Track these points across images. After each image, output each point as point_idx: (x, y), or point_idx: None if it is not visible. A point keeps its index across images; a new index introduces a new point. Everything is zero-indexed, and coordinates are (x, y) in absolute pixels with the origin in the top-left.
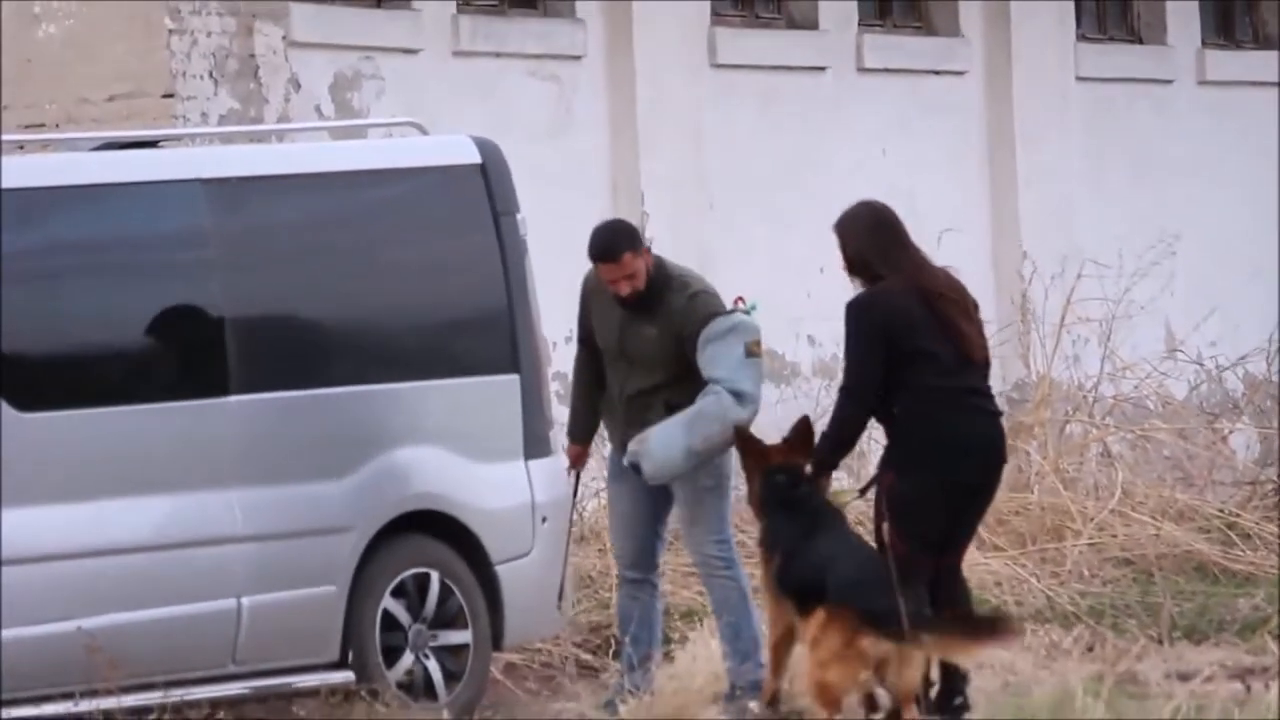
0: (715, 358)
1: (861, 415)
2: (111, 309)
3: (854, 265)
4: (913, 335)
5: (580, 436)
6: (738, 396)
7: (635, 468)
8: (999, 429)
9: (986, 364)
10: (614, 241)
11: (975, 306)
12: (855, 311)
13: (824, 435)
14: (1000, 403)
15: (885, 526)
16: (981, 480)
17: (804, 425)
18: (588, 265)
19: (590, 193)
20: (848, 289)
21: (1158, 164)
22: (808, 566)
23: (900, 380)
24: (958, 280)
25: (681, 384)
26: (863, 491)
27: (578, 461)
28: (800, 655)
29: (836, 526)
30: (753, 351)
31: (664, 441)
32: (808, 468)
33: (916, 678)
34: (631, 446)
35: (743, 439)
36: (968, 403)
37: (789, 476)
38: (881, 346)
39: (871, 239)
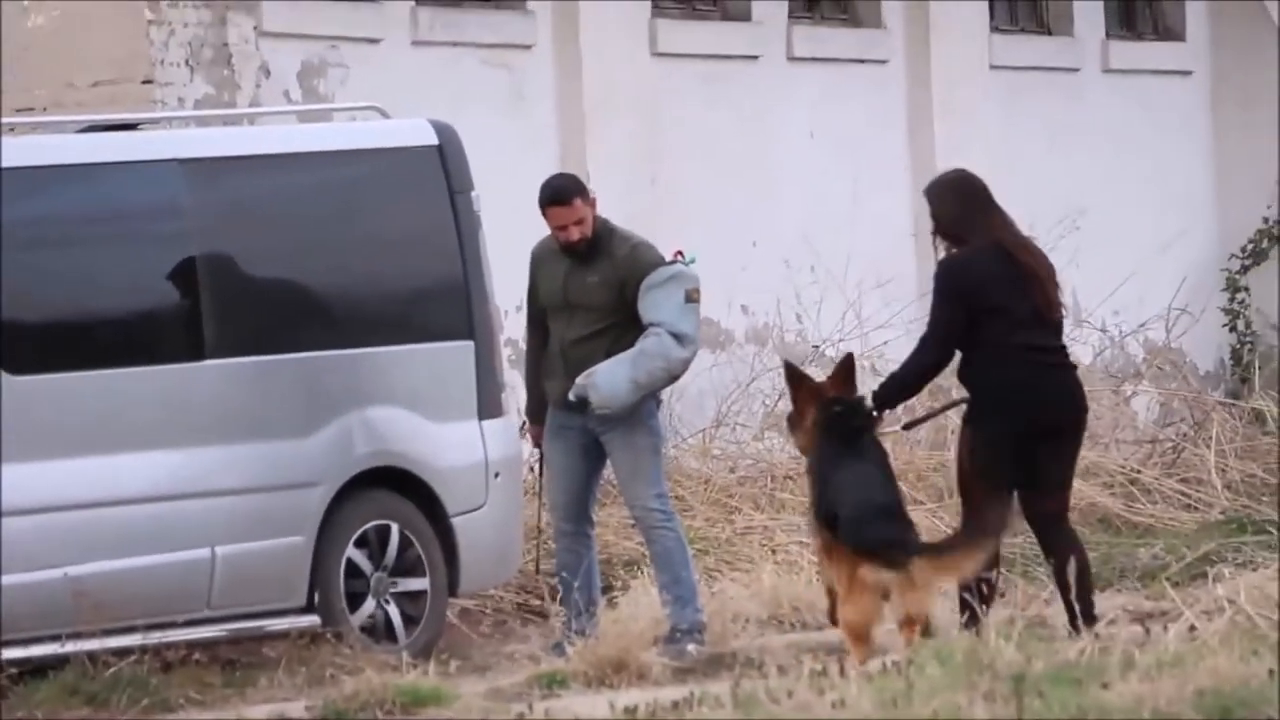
0: (657, 303)
1: (933, 366)
2: (97, 280)
3: (940, 228)
4: (991, 293)
5: (539, 418)
6: (678, 338)
7: (582, 401)
8: (1070, 380)
9: (1059, 324)
10: (565, 187)
11: (1053, 270)
12: (941, 272)
13: (892, 376)
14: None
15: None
16: (1054, 426)
17: (848, 362)
18: (537, 237)
19: (540, 171)
20: (779, 261)
21: (1066, 145)
22: (826, 499)
23: (978, 336)
24: (1037, 245)
25: (620, 334)
26: (907, 426)
27: (539, 440)
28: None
29: (864, 460)
30: (692, 298)
31: (610, 374)
32: (869, 401)
33: (924, 603)
34: (579, 380)
35: (794, 375)
36: (1038, 358)
37: (845, 407)
38: (962, 306)
39: (956, 205)
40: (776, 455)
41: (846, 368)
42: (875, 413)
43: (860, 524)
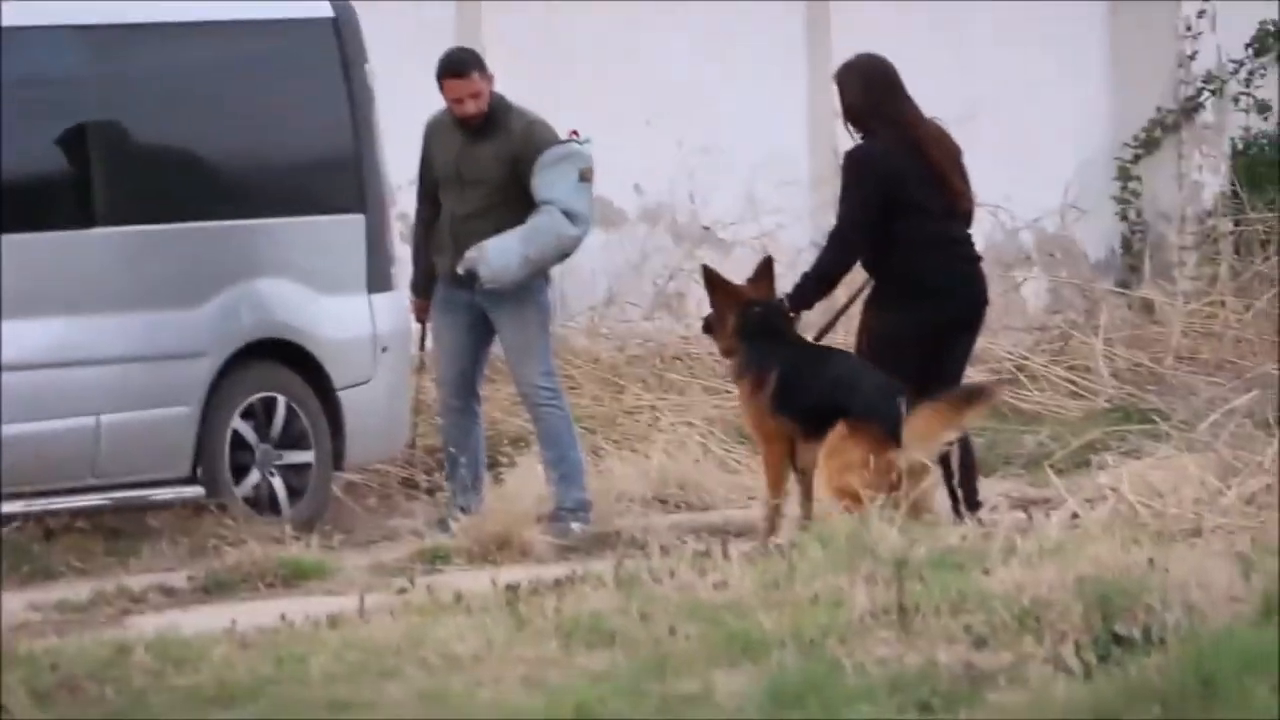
0: (550, 181)
1: (847, 260)
2: None
3: (850, 115)
4: (904, 187)
5: (424, 291)
6: (570, 216)
7: (471, 275)
8: (979, 273)
9: (969, 214)
10: (463, 59)
11: (961, 159)
12: (851, 163)
13: (806, 275)
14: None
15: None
16: (962, 319)
17: (766, 264)
18: (431, 111)
19: (436, 48)
20: (672, 141)
21: (962, 33)
22: (817, 387)
23: (891, 230)
24: (947, 133)
25: (511, 209)
26: (818, 336)
27: (422, 314)
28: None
29: (835, 351)
30: (585, 177)
31: (500, 249)
32: (786, 302)
33: (932, 485)
34: (469, 254)
35: (711, 279)
36: (952, 250)
37: (765, 309)
38: (874, 198)
39: (866, 91)
40: (665, 335)
41: (765, 269)
42: (791, 314)
43: (886, 406)
